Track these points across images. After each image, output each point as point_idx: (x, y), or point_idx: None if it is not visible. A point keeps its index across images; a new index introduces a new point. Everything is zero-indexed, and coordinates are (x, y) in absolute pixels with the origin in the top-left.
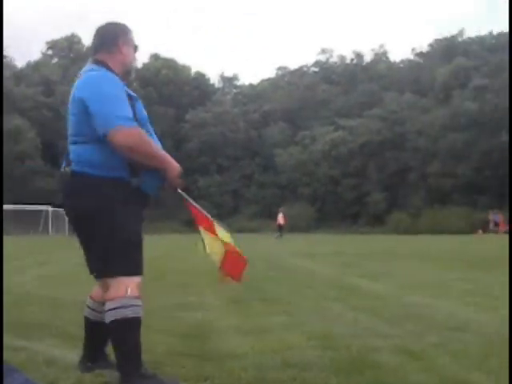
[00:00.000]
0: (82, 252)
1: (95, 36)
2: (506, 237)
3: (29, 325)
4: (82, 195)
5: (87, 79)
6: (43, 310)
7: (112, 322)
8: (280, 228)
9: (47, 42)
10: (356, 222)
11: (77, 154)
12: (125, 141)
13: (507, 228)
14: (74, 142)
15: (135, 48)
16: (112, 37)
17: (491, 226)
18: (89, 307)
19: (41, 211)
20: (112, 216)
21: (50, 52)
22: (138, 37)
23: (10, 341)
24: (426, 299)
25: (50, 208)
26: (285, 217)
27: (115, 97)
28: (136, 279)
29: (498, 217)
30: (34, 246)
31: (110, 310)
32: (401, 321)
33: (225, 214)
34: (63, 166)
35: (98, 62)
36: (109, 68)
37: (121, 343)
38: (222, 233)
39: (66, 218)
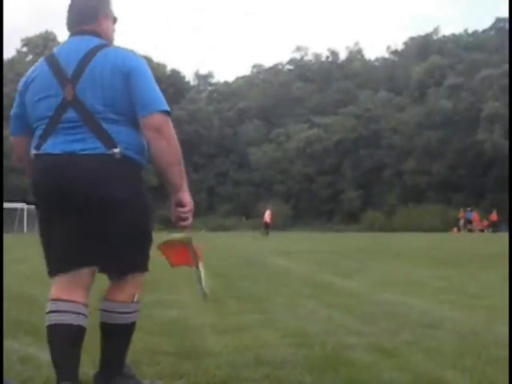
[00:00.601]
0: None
1: (71, 9)
2: (482, 235)
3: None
4: (124, 182)
5: (125, 54)
6: (17, 308)
7: (126, 325)
8: (266, 226)
9: (22, 39)
10: (331, 219)
11: (123, 135)
12: (170, 130)
13: (485, 225)
14: (113, 121)
15: (114, 20)
16: (91, 11)
17: (461, 223)
18: (106, 310)
19: (15, 209)
20: (144, 207)
21: (24, 49)
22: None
23: None
24: (400, 297)
25: (25, 206)
26: (272, 215)
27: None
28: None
29: (472, 214)
30: (8, 243)
31: (126, 312)
32: (374, 318)
33: (200, 212)
34: (99, 146)
35: (96, 34)
36: None
37: (123, 346)
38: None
39: (66, 206)
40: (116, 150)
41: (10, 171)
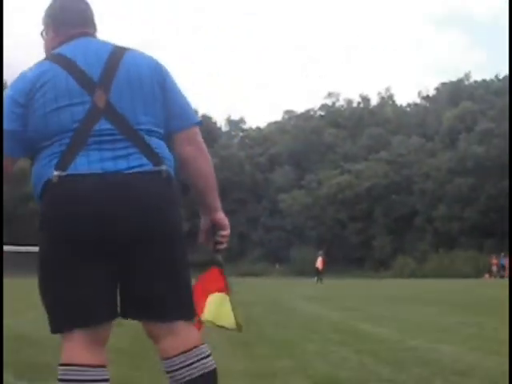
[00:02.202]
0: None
1: (69, 9)
2: None
3: (31, 366)
4: (175, 206)
5: (154, 59)
6: (44, 352)
7: (215, 370)
8: (318, 272)
9: None
10: (362, 265)
11: (164, 151)
12: (201, 141)
13: None
14: (154, 135)
15: None
16: (92, 18)
17: (495, 269)
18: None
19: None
20: (184, 238)
21: None
22: None
23: (13, 382)
24: (431, 343)
25: None
26: (324, 260)
27: None
28: None
29: (504, 260)
30: (33, 288)
31: (209, 355)
32: (406, 365)
33: (231, 258)
34: (148, 164)
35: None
36: None
37: None
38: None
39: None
40: (163, 168)
41: (30, 215)
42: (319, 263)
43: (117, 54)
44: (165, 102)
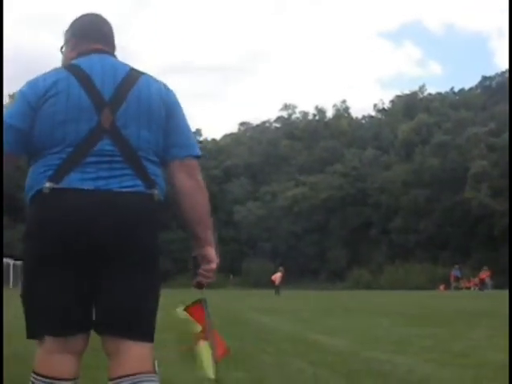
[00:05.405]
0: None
1: (91, 22)
2: (468, 292)
3: None
4: (158, 229)
5: (166, 86)
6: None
7: None
8: (274, 285)
9: (10, 95)
10: (317, 277)
11: (159, 178)
12: (201, 178)
13: (474, 283)
14: (152, 162)
15: None
16: (112, 35)
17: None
18: None
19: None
20: (158, 262)
21: None
22: None
23: None
24: (386, 355)
25: (11, 261)
26: (282, 276)
27: None
28: None
29: (459, 272)
30: None
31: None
32: (360, 377)
33: (186, 270)
34: (139, 185)
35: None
36: None
37: None
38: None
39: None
40: (156, 191)
41: None
42: (275, 277)
43: (133, 76)
44: (168, 130)
